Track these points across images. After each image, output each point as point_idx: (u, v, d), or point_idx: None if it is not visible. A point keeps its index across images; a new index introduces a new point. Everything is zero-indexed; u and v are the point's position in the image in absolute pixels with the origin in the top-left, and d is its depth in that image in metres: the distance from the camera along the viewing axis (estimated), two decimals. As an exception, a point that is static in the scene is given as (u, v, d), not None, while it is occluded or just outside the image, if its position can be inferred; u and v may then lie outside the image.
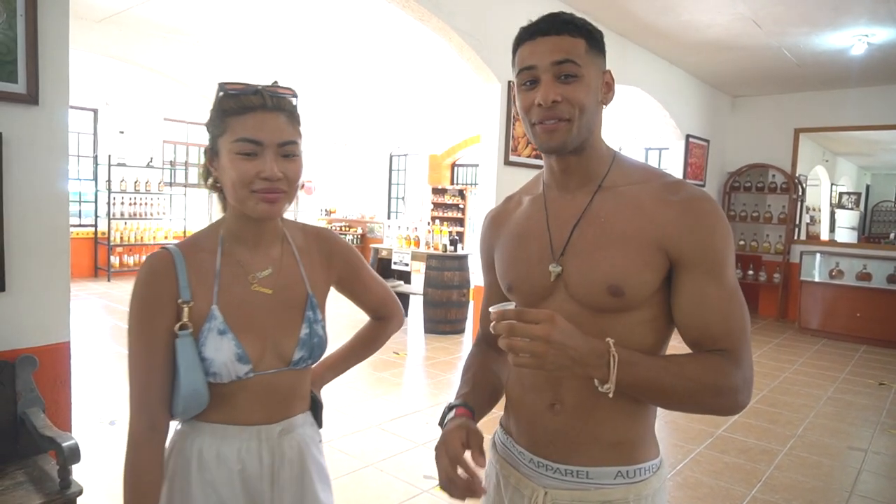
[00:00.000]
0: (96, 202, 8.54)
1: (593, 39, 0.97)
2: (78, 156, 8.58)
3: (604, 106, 1.01)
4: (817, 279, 7.01)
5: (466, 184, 11.27)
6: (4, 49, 1.95)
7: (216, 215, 1.18)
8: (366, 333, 1.39)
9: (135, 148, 8.90)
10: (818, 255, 7.07)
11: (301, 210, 10.19)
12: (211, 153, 1.07)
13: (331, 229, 1.33)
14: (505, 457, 1.10)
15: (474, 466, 0.92)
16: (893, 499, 3.05)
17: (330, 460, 1.31)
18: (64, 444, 1.79)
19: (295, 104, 1.08)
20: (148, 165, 8.78)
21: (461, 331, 6.23)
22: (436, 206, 10.98)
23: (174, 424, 1.11)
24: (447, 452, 0.94)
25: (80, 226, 8.55)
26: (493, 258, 1.15)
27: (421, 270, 6.55)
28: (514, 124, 4.30)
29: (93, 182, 8.56)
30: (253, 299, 1.08)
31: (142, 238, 8.79)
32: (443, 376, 4.80)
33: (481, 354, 1.19)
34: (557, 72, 0.94)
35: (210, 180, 1.10)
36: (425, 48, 6.45)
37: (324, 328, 1.16)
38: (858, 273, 6.71)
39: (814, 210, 9.62)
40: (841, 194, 11.67)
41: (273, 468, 1.10)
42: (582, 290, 0.97)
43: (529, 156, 4.45)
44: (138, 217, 8.79)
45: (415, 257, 6.45)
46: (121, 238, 8.57)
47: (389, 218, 11.36)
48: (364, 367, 1.29)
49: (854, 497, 3.01)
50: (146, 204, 8.86)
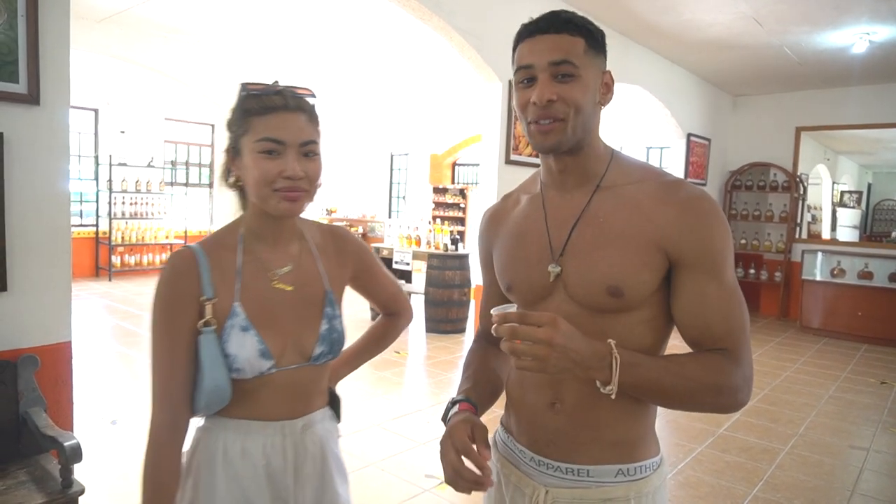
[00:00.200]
0: (97, 202, 8.55)
1: (593, 39, 0.97)
2: (79, 156, 8.58)
3: (602, 107, 1.00)
4: (819, 278, 7.00)
5: (467, 183, 11.27)
6: (5, 49, 1.96)
7: (217, 215, 1.18)
8: (377, 329, 1.41)
9: (136, 148, 8.90)
10: (819, 254, 7.06)
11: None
12: (233, 152, 1.08)
13: (345, 227, 1.34)
14: (506, 455, 1.11)
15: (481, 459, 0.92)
16: (895, 497, 3.05)
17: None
18: (66, 444, 1.79)
19: (314, 104, 1.10)
20: (149, 165, 8.78)
21: (462, 330, 6.23)
22: (437, 206, 10.98)
23: (195, 421, 1.12)
24: (454, 445, 0.94)
25: (82, 226, 8.55)
26: (492, 256, 1.15)
27: (422, 270, 6.55)
28: (515, 123, 4.29)
29: (94, 182, 8.56)
30: (274, 296, 1.10)
31: (143, 238, 8.80)
32: (444, 375, 4.80)
33: (482, 350, 1.19)
34: (555, 71, 0.94)
35: (231, 179, 1.11)
36: (426, 47, 6.45)
37: (342, 323, 1.18)
38: (860, 272, 6.70)
39: (815, 209, 9.60)
40: (842, 193, 11.65)
41: (296, 463, 1.12)
42: (581, 291, 0.97)
43: (530, 155, 4.44)
44: (139, 217, 8.80)
45: (416, 256, 6.45)
46: (122, 238, 8.58)
47: (390, 217, 11.37)
48: (365, 367, 1.31)
49: (856, 496, 3.01)
50: (147, 204, 8.86)
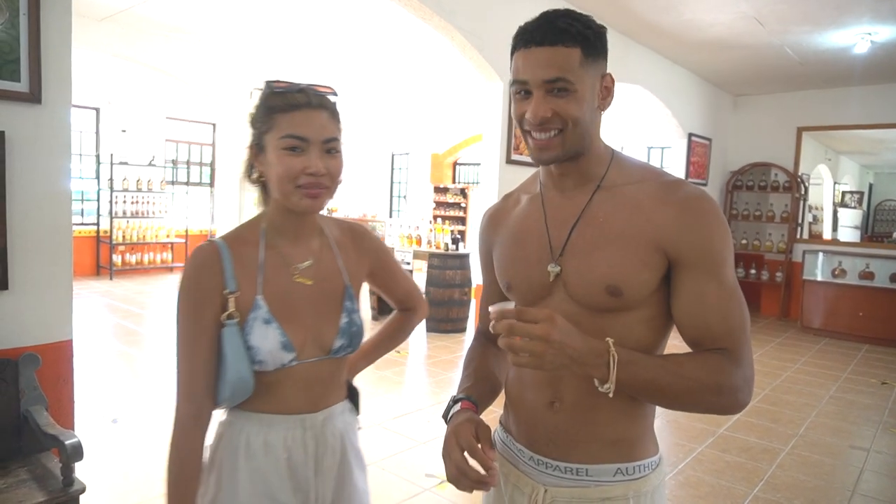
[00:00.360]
0: (98, 201, 8.55)
1: (590, 46, 0.93)
2: (80, 154, 8.59)
3: (602, 111, 0.99)
4: (820, 278, 6.99)
5: (468, 182, 11.27)
6: (7, 48, 1.96)
7: (218, 214, 1.20)
8: (393, 324, 1.43)
9: (137, 146, 8.90)
10: (821, 255, 7.05)
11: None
12: (256, 149, 1.10)
13: (364, 224, 1.36)
14: (505, 455, 1.11)
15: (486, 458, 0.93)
16: (895, 498, 3.05)
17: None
18: (67, 442, 1.80)
19: (335, 102, 1.12)
20: (150, 164, 8.79)
21: (463, 329, 6.23)
22: (437, 205, 10.98)
23: (217, 415, 1.14)
24: (460, 444, 0.94)
25: (83, 224, 8.56)
26: (492, 256, 1.16)
27: (422, 269, 6.55)
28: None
29: (95, 181, 8.57)
30: (295, 290, 1.12)
31: (144, 237, 8.81)
32: (444, 375, 4.80)
33: (481, 348, 1.20)
34: (549, 87, 0.93)
35: (254, 175, 1.13)
36: (427, 47, 6.45)
37: (360, 318, 1.20)
38: (861, 272, 6.69)
39: (816, 209, 9.59)
40: (844, 193, 11.64)
41: (317, 456, 1.14)
42: (581, 291, 0.97)
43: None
44: (140, 216, 8.80)
45: (416, 256, 6.45)
46: (123, 237, 8.58)
47: (391, 217, 11.37)
48: (365, 366, 1.31)
49: (856, 496, 3.01)
50: (148, 203, 8.86)
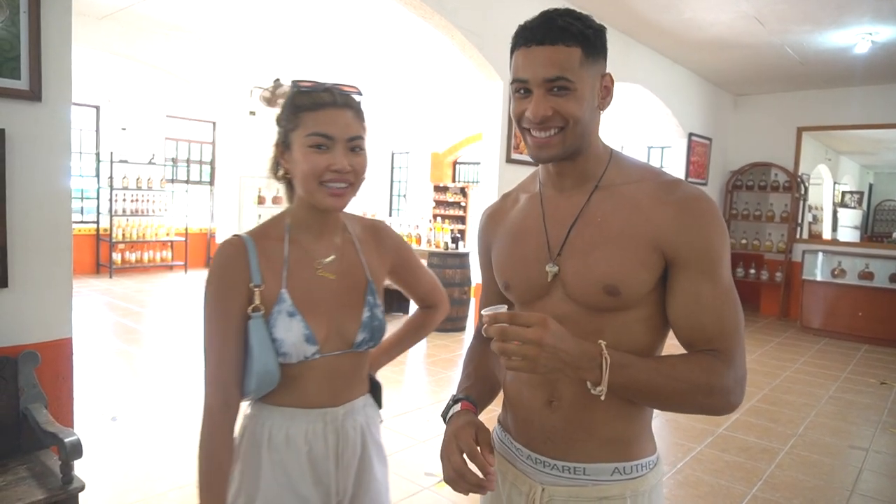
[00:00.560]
0: (98, 199, 8.56)
1: (591, 46, 0.93)
2: (80, 152, 8.59)
3: (601, 110, 0.99)
4: (819, 278, 6.99)
5: (468, 181, 11.26)
6: (7, 46, 1.96)
7: (218, 213, 1.20)
8: (415, 321, 1.45)
9: (137, 145, 8.91)
10: (820, 254, 7.05)
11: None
12: (282, 146, 1.13)
13: (385, 222, 1.38)
14: (503, 453, 1.11)
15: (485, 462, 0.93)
16: (894, 498, 3.05)
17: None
18: (66, 440, 1.80)
19: (360, 101, 1.14)
20: (150, 162, 8.79)
21: (462, 328, 6.23)
22: (437, 204, 10.97)
23: (243, 407, 1.15)
24: (460, 447, 0.95)
25: (82, 222, 8.57)
26: (490, 255, 1.16)
27: (422, 268, 6.55)
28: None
29: (95, 179, 8.58)
30: (318, 284, 1.15)
31: (143, 235, 8.81)
32: (444, 374, 4.80)
33: (481, 347, 1.20)
34: (549, 86, 0.93)
35: (280, 172, 1.16)
36: (427, 46, 6.45)
37: (383, 313, 1.21)
38: (861, 272, 6.70)
39: (816, 209, 9.59)
40: (844, 193, 11.64)
41: (337, 449, 1.16)
42: (578, 290, 0.97)
43: (531, 154, 4.44)
44: (140, 214, 8.80)
45: (416, 255, 6.45)
46: (123, 235, 8.59)
47: (391, 215, 11.36)
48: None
49: (855, 496, 3.02)
50: (148, 201, 8.87)
